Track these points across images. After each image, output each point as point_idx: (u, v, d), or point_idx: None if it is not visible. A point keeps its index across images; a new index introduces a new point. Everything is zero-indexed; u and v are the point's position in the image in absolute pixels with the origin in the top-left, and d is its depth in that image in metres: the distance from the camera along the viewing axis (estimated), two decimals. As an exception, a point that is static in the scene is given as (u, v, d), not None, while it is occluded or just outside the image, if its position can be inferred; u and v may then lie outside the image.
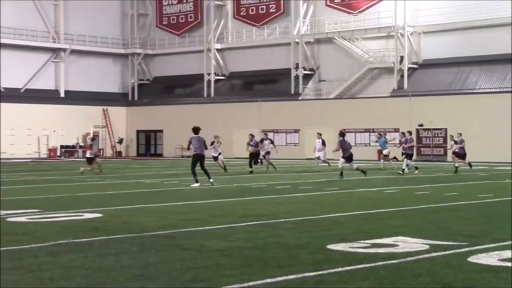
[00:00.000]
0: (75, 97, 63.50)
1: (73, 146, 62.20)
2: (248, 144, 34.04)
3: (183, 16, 66.97)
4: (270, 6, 61.78)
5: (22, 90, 61.70)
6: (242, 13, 63.59)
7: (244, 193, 21.11)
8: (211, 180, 23.99)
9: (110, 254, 9.87)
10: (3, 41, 59.78)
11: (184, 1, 66.74)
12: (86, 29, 64.91)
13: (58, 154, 60.78)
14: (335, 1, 58.11)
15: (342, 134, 28.96)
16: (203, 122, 54.28)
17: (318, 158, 35.18)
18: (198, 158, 24.03)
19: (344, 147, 28.34)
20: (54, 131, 61.00)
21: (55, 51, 63.97)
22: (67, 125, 61.38)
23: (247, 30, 63.06)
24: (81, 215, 14.78)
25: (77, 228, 12.68)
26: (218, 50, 64.20)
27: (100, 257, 9.59)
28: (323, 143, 35.16)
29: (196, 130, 24.34)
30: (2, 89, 59.22)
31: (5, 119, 57.81)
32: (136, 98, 68.08)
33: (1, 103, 57.27)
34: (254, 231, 12.24)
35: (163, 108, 63.85)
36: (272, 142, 35.35)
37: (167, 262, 9.18)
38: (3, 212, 15.37)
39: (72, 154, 61.24)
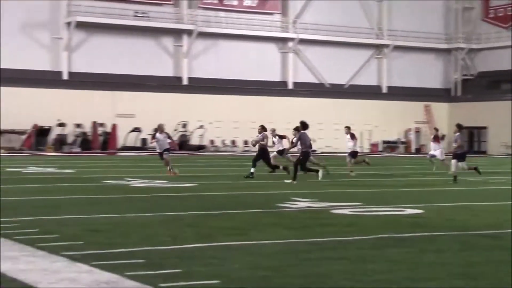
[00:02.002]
0: (396, 93, 63.92)
1: (394, 142, 62.65)
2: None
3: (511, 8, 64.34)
4: None
5: (346, 86, 63.47)
6: None
7: None
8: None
9: (432, 250, 9.74)
10: (335, 39, 62.03)
11: (513, -8, 64.10)
12: (409, 25, 64.95)
13: (380, 149, 61.59)
14: None
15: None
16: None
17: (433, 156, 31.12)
18: (308, 156, 22.89)
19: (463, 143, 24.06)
20: (376, 126, 61.92)
21: (378, 47, 64.90)
22: (388, 121, 61.96)
23: None
24: (403, 210, 14.77)
25: (398, 223, 12.71)
26: (549, 43, 60.83)
27: (422, 253, 9.51)
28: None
29: (304, 125, 22.83)
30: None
31: (331, 115, 59.77)
32: (459, 93, 66.77)
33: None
34: None
35: (488, 104, 61.89)
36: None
37: (491, 263, 8.84)
38: (328, 204, 15.87)
39: (394, 150, 61.69)
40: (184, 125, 54.76)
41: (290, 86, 61.58)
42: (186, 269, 8.15)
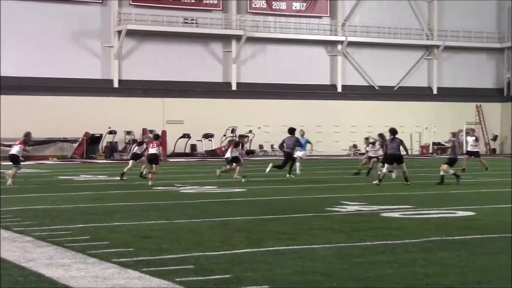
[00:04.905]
0: (447, 94, 63.16)
1: (444, 144, 61.94)
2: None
3: None
4: None
5: (395, 88, 62.93)
6: None
7: None
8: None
9: (484, 253, 9.61)
10: (383, 40, 61.55)
11: None
12: (460, 24, 64.08)
13: (430, 151, 60.93)
14: None
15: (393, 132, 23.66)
16: None
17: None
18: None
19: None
20: (426, 128, 61.33)
21: (428, 48, 64.21)
22: (439, 122, 61.26)
23: None
24: (454, 213, 14.60)
25: (450, 226, 12.55)
26: None
27: (474, 256, 9.38)
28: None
29: (291, 130, 27.27)
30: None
31: (380, 118, 59.28)
32: (511, 93, 65.71)
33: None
34: None
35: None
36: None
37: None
38: (378, 207, 15.75)
39: (444, 152, 60.94)
40: (233, 130, 54.90)
41: (339, 89, 61.32)
42: (236, 274, 8.17)
